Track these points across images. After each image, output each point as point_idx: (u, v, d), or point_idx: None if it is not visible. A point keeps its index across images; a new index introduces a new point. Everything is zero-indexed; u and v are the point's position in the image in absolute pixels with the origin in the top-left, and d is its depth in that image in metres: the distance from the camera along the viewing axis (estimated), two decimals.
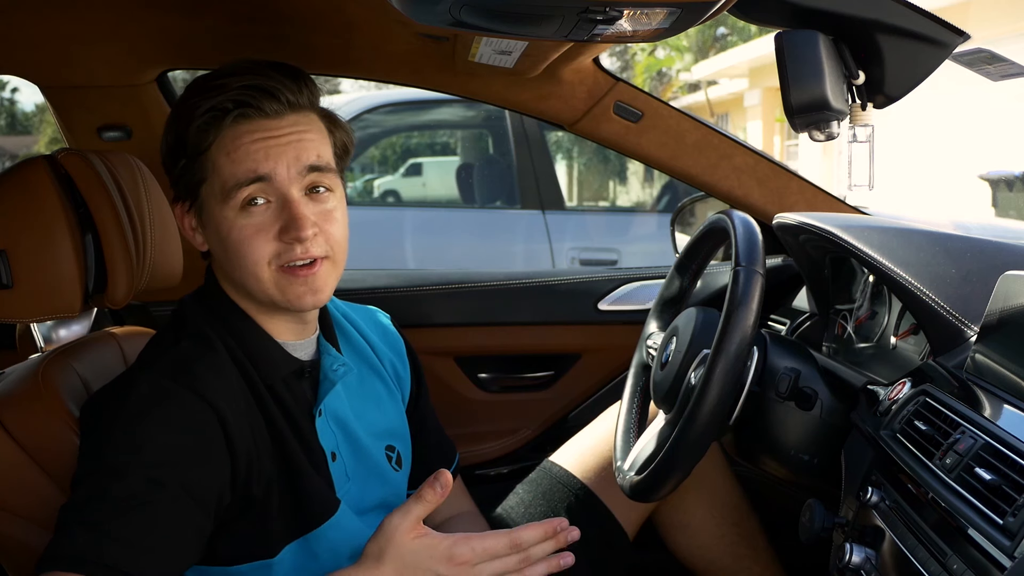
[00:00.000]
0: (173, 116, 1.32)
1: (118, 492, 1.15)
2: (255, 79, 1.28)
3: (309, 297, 1.30)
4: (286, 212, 1.27)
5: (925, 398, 1.27)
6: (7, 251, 1.32)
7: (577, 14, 1.20)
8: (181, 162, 1.30)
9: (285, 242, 1.27)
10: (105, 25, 1.79)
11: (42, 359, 1.39)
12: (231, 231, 1.28)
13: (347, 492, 1.39)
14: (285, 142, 1.28)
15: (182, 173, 1.31)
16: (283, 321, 1.36)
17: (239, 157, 1.26)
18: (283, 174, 1.27)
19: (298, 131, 1.29)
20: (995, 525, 0.98)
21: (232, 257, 1.29)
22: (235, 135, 1.27)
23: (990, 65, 1.73)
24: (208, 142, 1.27)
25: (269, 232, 1.27)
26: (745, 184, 2.06)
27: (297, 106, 1.30)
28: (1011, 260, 1.41)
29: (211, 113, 1.26)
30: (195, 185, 1.30)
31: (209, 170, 1.28)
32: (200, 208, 1.32)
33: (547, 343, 2.27)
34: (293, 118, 1.29)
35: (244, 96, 1.26)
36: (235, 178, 1.26)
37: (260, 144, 1.27)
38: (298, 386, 1.37)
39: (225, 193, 1.27)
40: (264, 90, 1.27)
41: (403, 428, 1.54)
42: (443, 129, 6.11)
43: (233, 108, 1.26)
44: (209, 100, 1.27)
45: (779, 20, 1.63)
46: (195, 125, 1.27)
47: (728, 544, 1.77)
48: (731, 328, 1.32)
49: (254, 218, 1.27)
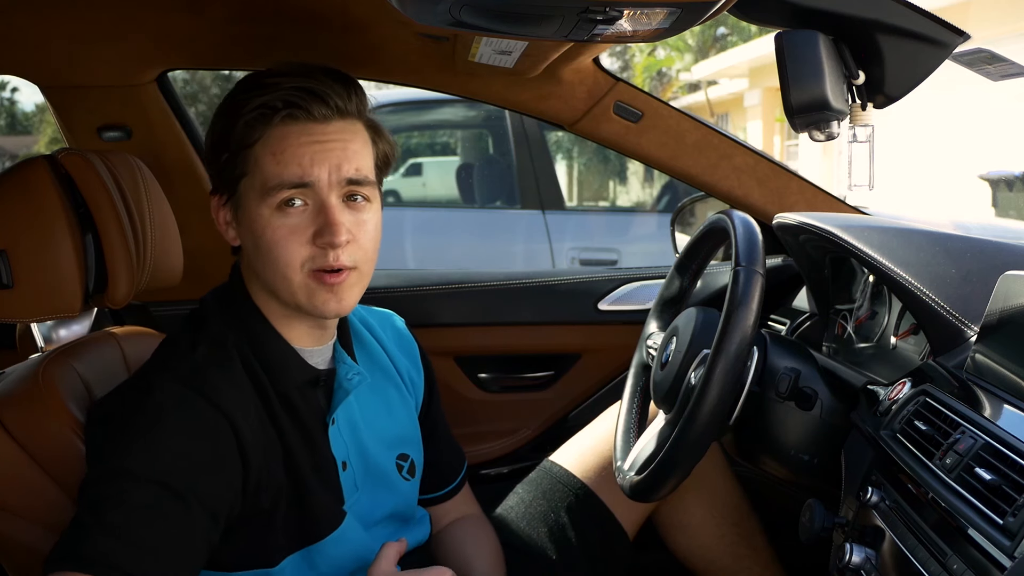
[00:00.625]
0: (222, 109, 1.32)
1: (129, 496, 1.15)
2: (307, 81, 1.28)
3: (333, 304, 1.30)
4: (322, 216, 1.27)
5: (925, 398, 1.27)
6: (7, 251, 1.32)
7: (577, 14, 1.20)
8: (224, 155, 1.30)
9: (318, 246, 1.27)
10: (105, 25, 1.79)
11: (42, 359, 1.39)
12: (266, 230, 1.28)
13: (356, 502, 1.39)
14: (329, 148, 1.28)
15: (224, 166, 1.31)
16: (303, 326, 1.36)
17: (284, 159, 1.27)
18: (324, 180, 1.28)
19: (343, 139, 1.30)
20: (995, 525, 0.98)
21: (264, 255, 1.29)
22: (282, 135, 1.27)
23: (990, 65, 1.73)
24: (254, 138, 1.28)
25: (304, 235, 1.28)
26: (745, 184, 2.06)
27: (345, 113, 1.30)
28: (1011, 260, 1.41)
29: (260, 110, 1.27)
30: (235, 179, 1.31)
31: (251, 165, 1.29)
32: (237, 203, 1.32)
33: (547, 343, 2.27)
34: (340, 124, 1.30)
35: (294, 97, 1.27)
36: (278, 178, 1.27)
37: (306, 148, 1.27)
38: (312, 395, 1.37)
39: (265, 191, 1.27)
40: (314, 93, 1.28)
41: (416, 435, 1.54)
42: (443, 129, 6.11)
43: (282, 108, 1.27)
44: (260, 97, 1.27)
45: (779, 20, 1.63)
46: (243, 120, 1.28)
47: (728, 544, 1.77)
48: (731, 328, 1.32)
49: (290, 219, 1.28)
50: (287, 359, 1.34)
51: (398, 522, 1.49)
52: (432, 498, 1.61)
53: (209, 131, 1.34)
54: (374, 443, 1.44)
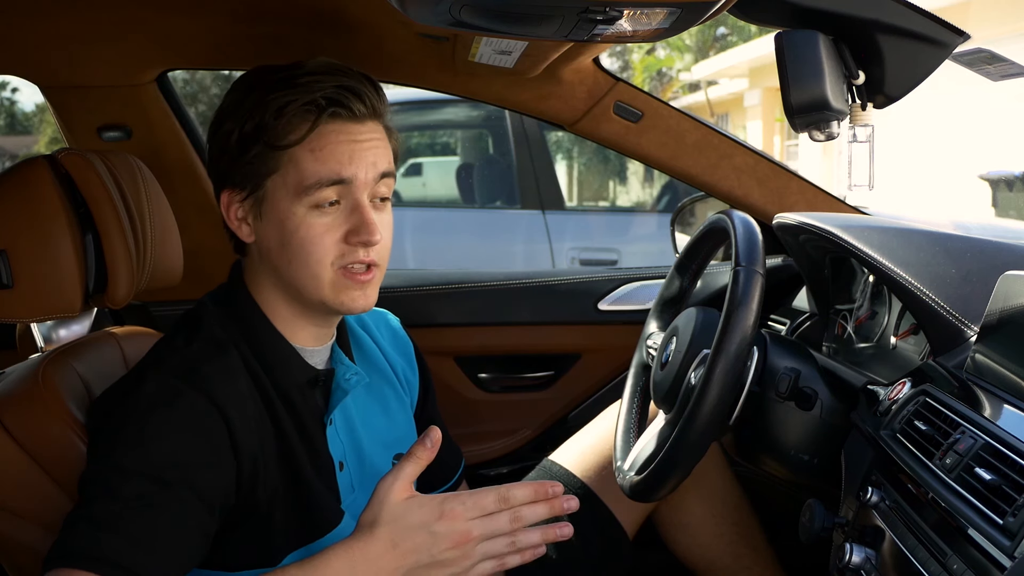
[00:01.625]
0: (252, 105, 1.29)
1: (125, 491, 1.15)
2: (346, 80, 1.29)
3: (361, 301, 1.31)
4: (356, 215, 1.27)
5: (925, 398, 1.27)
6: (7, 251, 1.32)
7: (577, 14, 1.20)
8: (254, 150, 1.28)
9: (351, 244, 1.28)
10: (105, 25, 1.79)
11: (42, 359, 1.39)
12: (299, 228, 1.27)
13: (353, 502, 1.39)
14: (367, 147, 1.29)
15: (252, 160, 1.29)
16: (309, 326, 1.36)
17: (324, 156, 1.26)
18: (362, 179, 1.28)
19: (376, 138, 1.31)
20: (995, 525, 0.98)
21: (293, 253, 1.29)
22: (323, 133, 1.27)
23: (990, 65, 1.73)
24: (297, 137, 1.27)
25: (336, 233, 1.28)
26: (745, 184, 2.06)
27: (376, 113, 1.32)
28: (1011, 260, 1.41)
29: (304, 107, 1.26)
30: (263, 175, 1.29)
31: (285, 163, 1.27)
32: (262, 199, 1.30)
33: (547, 343, 2.27)
34: (372, 124, 1.31)
35: (338, 95, 1.27)
36: (317, 176, 1.26)
37: (345, 147, 1.27)
38: (311, 394, 1.37)
39: (302, 189, 1.27)
40: (355, 92, 1.28)
41: (413, 435, 1.54)
42: (443, 129, 6.11)
43: (327, 106, 1.27)
44: (302, 96, 1.26)
45: (779, 20, 1.63)
46: (285, 118, 1.26)
47: (728, 544, 1.77)
48: (731, 328, 1.32)
49: (325, 218, 1.28)
50: (288, 358, 1.34)
51: None
52: None
53: (227, 126, 1.31)
54: (371, 444, 1.44)
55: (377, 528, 1.17)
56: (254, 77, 1.32)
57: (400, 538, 1.16)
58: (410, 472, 1.18)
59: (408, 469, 1.18)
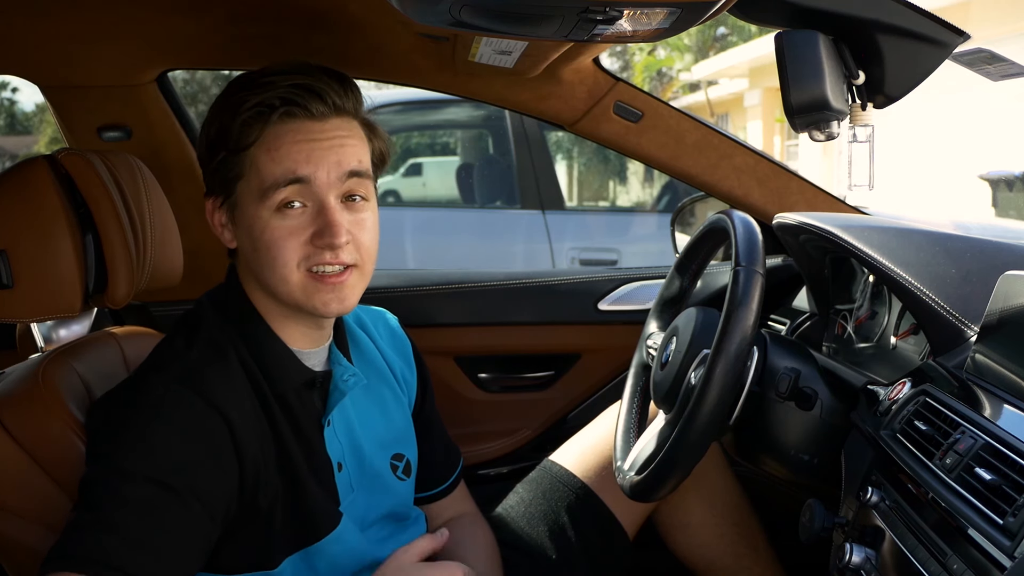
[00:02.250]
0: (217, 109, 1.31)
1: (128, 495, 1.15)
2: (303, 79, 1.28)
3: (335, 305, 1.30)
4: (321, 218, 1.27)
5: (925, 398, 1.27)
6: (7, 251, 1.32)
7: (577, 14, 1.20)
8: (220, 155, 1.29)
9: (317, 247, 1.27)
10: (105, 25, 1.79)
11: (42, 359, 1.39)
12: (264, 231, 1.27)
13: (352, 502, 1.39)
14: (327, 146, 1.28)
15: (219, 167, 1.30)
16: (301, 327, 1.36)
17: (280, 156, 1.26)
18: (323, 178, 1.27)
19: (340, 136, 1.29)
20: (995, 525, 0.98)
21: (262, 257, 1.29)
22: (278, 133, 1.27)
23: (990, 65, 1.73)
24: (252, 139, 1.27)
25: (302, 236, 1.27)
26: (745, 184, 2.06)
27: (342, 110, 1.30)
28: (1011, 260, 1.41)
29: (257, 109, 1.26)
30: (231, 181, 1.30)
31: (248, 167, 1.28)
32: (234, 205, 1.31)
33: (547, 343, 2.27)
34: (337, 122, 1.29)
35: (291, 95, 1.26)
36: (273, 177, 1.26)
37: (303, 145, 1.26)
38: (308, 396, 1.37)
39: (262, 192, 1.27)
40: (311, 90, 1.27)
41: (411, 435, 1.54)
42: (443, 129, 6.11)
43: (280, 105, 1.26)
44: (256, 96, 1.26)
45: (779, 20, 1.63)
46: (240, 120, 1.27)
47: (728, 544, 1.77)
48: (731, 328, 1.32)
49: (288, 220, 1.27)
50: (284, 361, 1.34)
51: (394, 523, 1.49)
52: (427, 496, 1.61)
53: (203, 132, 1.33)
54: (369, 444, 1.44)
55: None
56: (228, 84, 1.33)
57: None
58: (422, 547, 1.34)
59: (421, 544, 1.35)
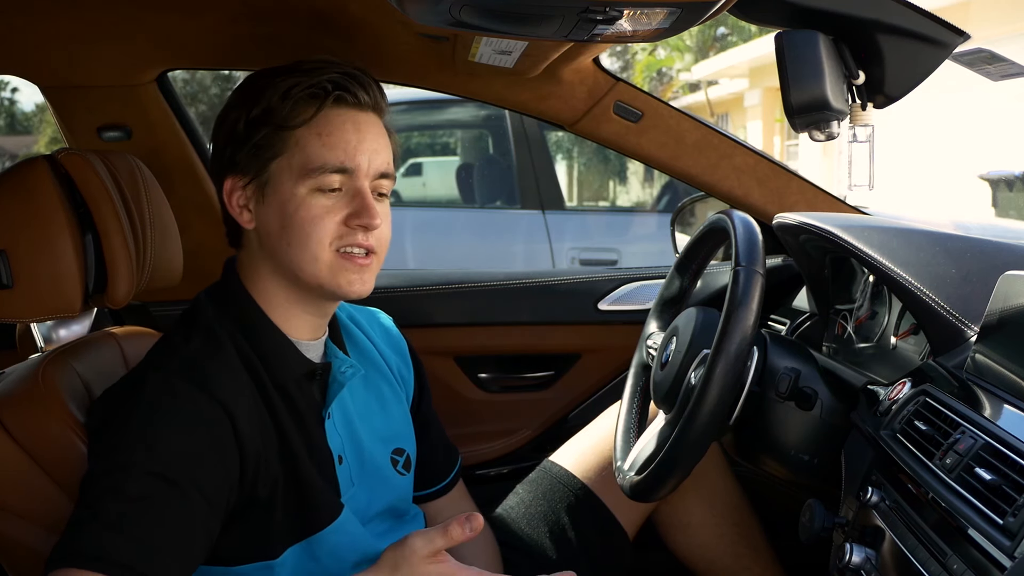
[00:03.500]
0: (259, 88, 1.32)
1: (130, 490, 1.16)
2: (349, 69, 1.32)
3: (358, 286, 1.33)
4: (358, 200, 1.30)
5: (925, 398, 1.27)
6: (7, 251, 1.32)
7: (577, 14, 1.20)
8: (261, 132, 1.31)
9: (351, 227, 1.30)
10: (105, 25, 1.79)
11: (42, 359, 1.39)
12: (300, 208, 1.29)
13: (352, 496, 1.39)
14: (370, 138, 1.32)
15: (258, 145, 1.31)
16: (305, 315, 1.37)
17: (331, 142, 1.29)
18: (364, 168, 1.31)
19: (378, 132, 1.34)
20: (995, 525, 0.98)
21: (293, 235, 1.30)
22: (330, 118, 1.30)
23: (990, 65, 1.73)
24: (302, 119, 1.29)
25: (337, 215, 1.30)
26: (745, 184, 2.06)
27: (378, 108, 1.35)
28: (1011, 260, 1.41)
29: (310, 90, 1.29)
30: (267, 159, 1.31)
31: (292, 145, 1.30)
32: (264, 183, 1.32)
33: (547, 343, 2.27)
34: (374, 118, 1.35)
35: (344, 81, 1.30)
36: (323, 160, 1.29)
37: (352, 135, 1.30)
38: (308, 388, 1.37)
39: (306, 172, 1.29)
40: (359, 81, 1.32)
41: (410, 430, 1.54)
42: (443, 129, 6.11)
43: (332, 90, 1.30)
44: (308, 79, 1.30)
45: (779, 20, 1.63)
46: (291, 100, 1.29)
47: (728, 544, 1.77)
48: (731, 328, 1.32)
49: (327, 200, 1.30)
50: (284, 351, 1.35)
51: (394, 518, 1.49)
52: (426, 495, 1.61)
53: (239, 111, 1.33)
54: (369, 438, 1.45)
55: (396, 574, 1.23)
56: (259, 74, 1.36)
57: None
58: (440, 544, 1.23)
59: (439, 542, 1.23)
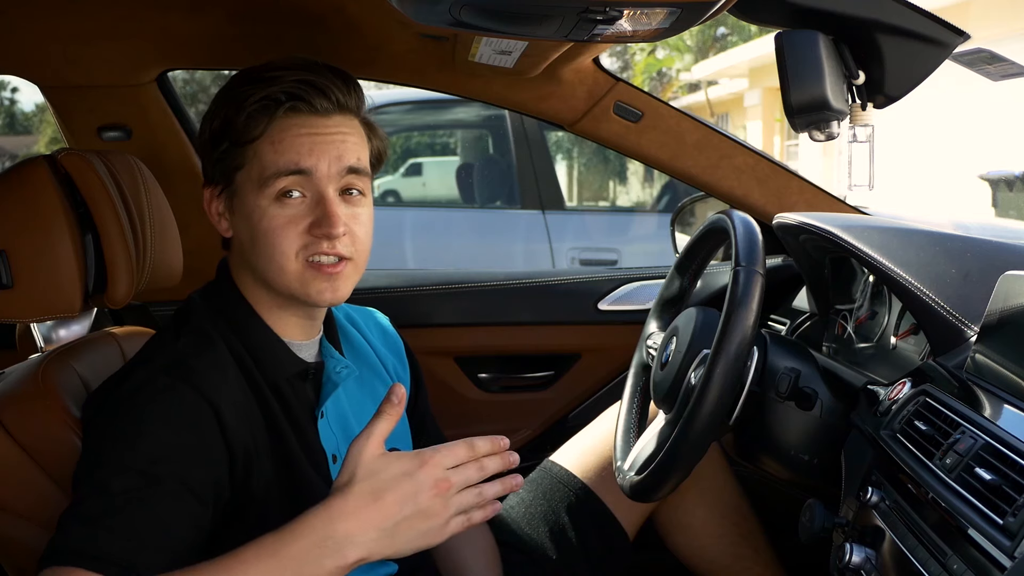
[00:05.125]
0: (220, 102, 1.33)
1: (115, 487, 1.16)
2: (308, 75, 1.30)
3: (329, 294, 1.31)
4: (320, 208, 1.29)
5: (925, 398, 1.27)
6: (7, 251, 1.32)
7: (577, 14, 1.20)
8: (223, 146, 1.31)
9: (315, 236, 1.29)
10: (105, 25, 1.79)
11: (42, 359, 1.39)
12: (263, 219, 1.29)
13: None
14: (329, 140, 1.30)
15: (221, 157, 1.32)
16: (294, 318, 1.37)
17: (283, 148, 1.28)
18: (323, 170, 1.29)
19: (342, 132, 1.32)
20: (995, 525, 0.98)
21: (260, 246, 1.30)
22: (283, 127, 1.29)
23: (990, 65, 1.74)
24: (257, 132, 1.29)
25: (300, 225, 1.29)
26: (745, 184, 2.06)
27: (345, 108, 1.33)
28: (1011, 260, 1.41)
29: (263, 102, 1.29)
30: (232, 170, 1.32)
31: (250, 157, 1.30)
32: (233, 194, 1.33)
33: (547, 343, 2.27)
34: (339, 119, 1.32)
35: (296, 90, 1.29)
36: (275, 167, 1.28)
37: (305, 139, 1.29)
38: (301, 387, 1.37)
39: (263, 181, 1.29)
40: (316, 87, 1.30)
41: (405, 429, 1.54)
42: (443, 129, 6.11)
43: (285, 100, 1.29)
44: (262, 90, 1.29)
45: (779, 20, 1.63)
46: (246, 113, 1.29)
47: (728, 544, 1.77)
48: (731, 328, 1.32)
49: (288, 209, 1.29)
50: (277, 351, 1.35)
51: None
52: None
53: (204, 123, 1.35)
54: None
55: (355, 485, 1.14)
56: (232, 78, 1.35)
57: (383, 490, 1.13)
58: (382, 429, 1.16)
59: (380, 427, 1.16)
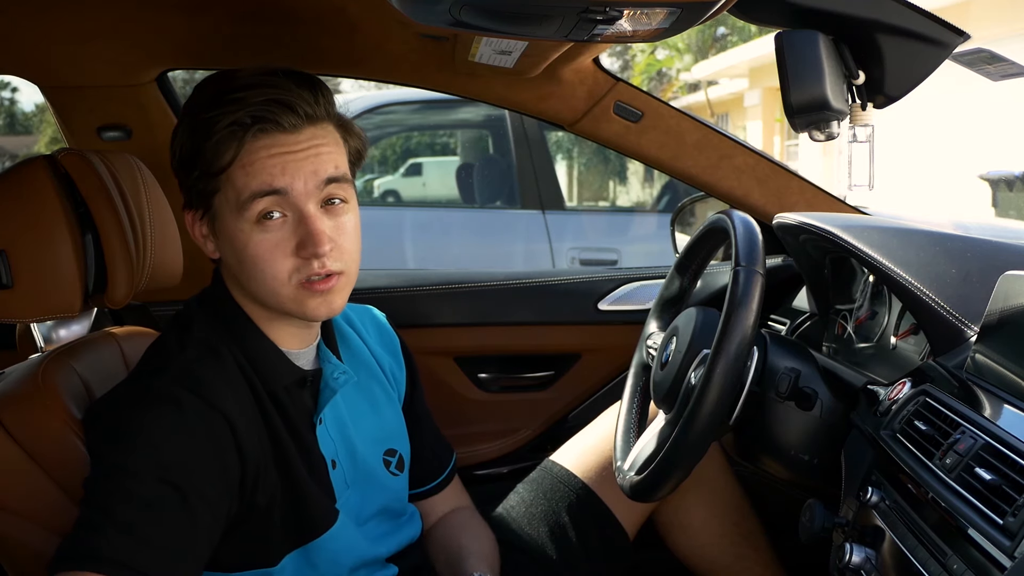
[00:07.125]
0: (187, 127, 1.30)
1: (135, 494, 1.16)
2: (273, 92, 1.26)
3: (324, 309, 1.31)
4: (302, 227, 1.26)
5: (925, 398, 1.27)
6: (7, 251, 1.32)
7: (577, 14, 1.20)
8: (195, 173, 1.29)
9: (303, 257, 1.27)
10: (105, 25, 1.79)
11: (42, 359, 1.39)
12: (247, 246, 1.27)
13: (347, 500, 1.40)
14: (303, 157, 1.27)
15: (195, 183, 1.30)
16: (289, 328, 1.36)
17: (255, 171, 1.26)
18: (300, 189, 1.26)
19: (315, 145, 1.28)
20: (995, 525, 0.98)
21: (249, 271, 1.29)
22: (252, 150, 1.26)
23: (990, 65, 1.73)
24: (227, 159, 1.26)
25: (286, 248, 1.27)
26: (745, 184, 2.06)
27: (314, 118, 1.29)
28: (1011, 260, 1.41)
29: (230, 128, 1.25)
30: (208, 195, 1.30)
31: (224, 182, 1.28)
32: (213, 217, 1.31)
33: (547, 343, 2.27)
34: (311, 131, 1.29)
35: (262, 111, 1.25)
36: (249, 190, 1.26)
37: (277, 159, 1.26)
38: (299, 394, 1.38)
39: (240, 205, 1.26)
40: (283, 104, 1.26)
41: (403, 430, 1.55)
42: (443, 129, 6.11)
43: (251, 123, 1.25)
44: (228, 115, 1.25)
45: (779, 20, 1.63)
46: (213, 140, 1.26)
47: (728, 544, 1.77)
48: (731, 328, 1.32)
49: (270, 233, 1.27)
50: (274, 360, 1.35)
51: (389, 518, 1.49)
52: (421, 492, 1.61)
53: (175, 148, 1.32)
54: (361, 441, 1.45)
55: None
56: (195, 96, 1.32)
57: None
58: None
59: None
